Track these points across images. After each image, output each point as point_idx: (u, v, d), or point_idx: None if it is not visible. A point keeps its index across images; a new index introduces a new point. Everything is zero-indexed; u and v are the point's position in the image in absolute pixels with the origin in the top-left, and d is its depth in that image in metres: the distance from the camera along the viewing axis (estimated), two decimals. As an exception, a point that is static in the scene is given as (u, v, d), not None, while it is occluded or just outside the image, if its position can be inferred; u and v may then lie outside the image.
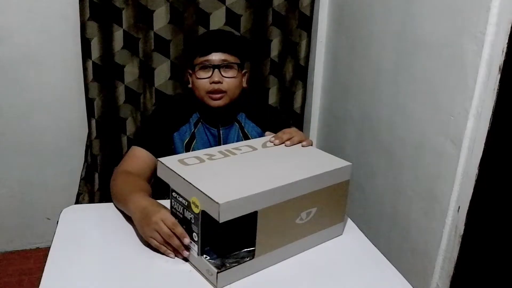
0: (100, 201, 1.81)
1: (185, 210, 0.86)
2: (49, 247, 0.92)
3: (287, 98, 2.01)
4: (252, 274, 0.87)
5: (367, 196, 1.65)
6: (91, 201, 1.83)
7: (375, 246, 1.00)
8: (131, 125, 1.83)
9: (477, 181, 1.13)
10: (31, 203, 1.96)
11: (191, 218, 0.85)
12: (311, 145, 1.11)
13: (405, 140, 1.39)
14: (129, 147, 1.84)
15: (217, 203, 0.76)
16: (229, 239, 0.89)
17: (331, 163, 0.99)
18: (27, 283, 1.80)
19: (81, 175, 1.83)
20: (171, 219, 0.89)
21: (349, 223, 1.09)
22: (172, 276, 0.85)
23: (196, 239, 0.85)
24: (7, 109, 1.81)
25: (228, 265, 0.84)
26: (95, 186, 1.82)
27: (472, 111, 1.11)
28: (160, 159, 0.94)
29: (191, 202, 0.83)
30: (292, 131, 1.13)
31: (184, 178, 0.85)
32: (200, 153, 0.99)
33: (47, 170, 1.93)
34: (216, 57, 1.22)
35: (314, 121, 2.07)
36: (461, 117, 1.14)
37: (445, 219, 1.22)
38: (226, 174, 0.90)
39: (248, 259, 0.85)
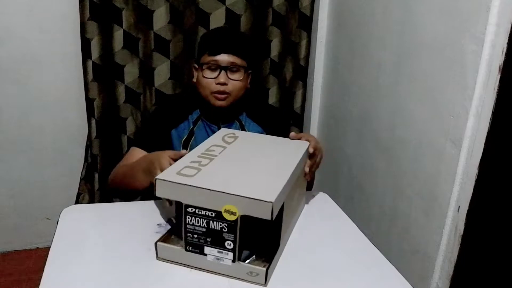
0: (100, 201, 1.81)
1: (210, 222, 0.82)
2: (49, 247, 0.92)
3: (287, 98, 2.01)
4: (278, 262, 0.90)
5: (367, 196, 1.65)
6: (91, 201, 1.83)
7: (375, 246, 1.00)
8: (131, 125, 1.83)
9: (477, 181, 1.13)
10: (31, 203, 1.96)
11: (222, 227, 0.82)
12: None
13: (405, 140, 1.39)
14: (129, 147, 1.84)
15: (269, 202, 0.76)
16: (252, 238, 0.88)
17: (296, 148, 1.06)
18: (27, 283, 1.80)
19: (81, 175, 1.83)
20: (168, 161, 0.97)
21: (349, 222, 1.09)
22: (172, 276, 0.85)
23: (230, 246, 0.82)
24: (7, 109, 1.81)
25: (265, 261, 0.86)
26: (95, 186, 1.82)
27: (472, 111, 1.11)
28: (159, 177, 0.84)
29: (222, 211, 0.80)
30: (308, 137, 1.14)
31: (210, 189, 0.80)
32: (187, 161, 0.93)
33: (47, 170, 1.93)
34: (224, 58, 1.21)
35: (314, 121, 2.07)
36: (461, 117, 1.14)
37: (445, 219, 1.22)
38: (238, 174, 0.89)
39: (251, 258, 0.86)
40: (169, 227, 1.00)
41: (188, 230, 0.84)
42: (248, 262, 0.86)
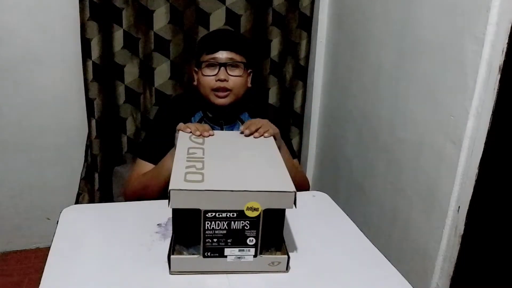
0: (100, 201, 1.81)
1: (232, 222, 0.83)
2: (49, 247, 0.92)
3: (287, 98, 2.01)
4: None
5: (367, 196, 1.65)
6: (91, 201, 1.83)
7: (375, 246, 1.00)
8: (131, 125, 1.83)
9: (477, 181, 1.13)
10: (31, 203, 1.96)
11: (244, 225, 0.83)
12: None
13: (405, 140, 1.40)
14: (129, 147, 1.84)
15: (292, 191, 0.80)
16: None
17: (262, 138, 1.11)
18: (27, 283, 1.80)
19: (81, 175, 1.83)
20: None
21: (349, 222, 1.09)
22: (172, 277, 0.85)
23: (252, 242, 0.84)
24: (7, 109, 1.81)
25: (276, 250, 0.88)
26: (95, 186, 1.82)
27: (472, 111, 1.11)
28: (172, 187, 0.79)
29: (244, 209, 0.82)
30: (256, 121, 1.13)
31: (232, 190, 0.80)
32: (182, 167, 0.89)
33: (47, 170, 1.93)
34: (223, 55, 1.22)
35: (314, 121, 2.07)
36: (461, 117, 1.14)
37: (445, 219, 1.22)
38: (241, 171, 0.90)
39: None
40: (169, 227, 1.00)
41: (207, 236, 0.83)
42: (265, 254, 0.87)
